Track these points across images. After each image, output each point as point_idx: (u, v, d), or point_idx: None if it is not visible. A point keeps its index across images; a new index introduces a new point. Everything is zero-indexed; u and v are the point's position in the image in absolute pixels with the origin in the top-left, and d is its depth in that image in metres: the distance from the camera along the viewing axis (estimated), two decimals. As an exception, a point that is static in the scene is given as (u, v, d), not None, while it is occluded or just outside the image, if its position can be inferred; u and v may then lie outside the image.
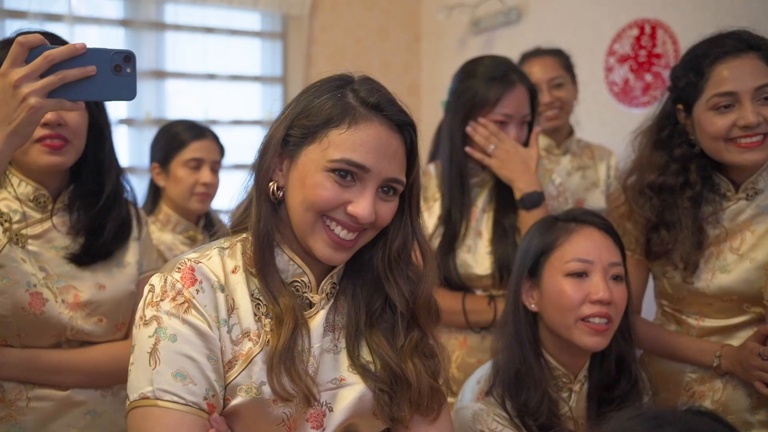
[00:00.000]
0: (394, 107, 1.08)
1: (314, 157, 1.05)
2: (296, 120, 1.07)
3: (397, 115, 1.07)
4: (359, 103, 1.06)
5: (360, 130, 1.04)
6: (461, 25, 4.00)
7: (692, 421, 0.71)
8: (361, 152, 1.03)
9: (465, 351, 1.82)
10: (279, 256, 1.11)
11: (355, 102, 1.06)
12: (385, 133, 1.05)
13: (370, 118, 1.05)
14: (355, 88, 1.08)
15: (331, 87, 1.08)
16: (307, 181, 1.05)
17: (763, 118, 1.46)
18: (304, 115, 1.07)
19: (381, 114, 1.06)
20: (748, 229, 1.56)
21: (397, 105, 1.08)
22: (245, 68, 3.93)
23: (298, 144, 1.07)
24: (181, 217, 2.22)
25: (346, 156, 1.03)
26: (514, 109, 1.78)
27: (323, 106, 1.06)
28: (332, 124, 1.04)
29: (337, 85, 1.09)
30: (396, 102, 1.09)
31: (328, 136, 1.04)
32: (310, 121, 1.06)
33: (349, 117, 1.04)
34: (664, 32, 2.91)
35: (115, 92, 1.08)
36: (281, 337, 1.04)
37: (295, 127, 1.07)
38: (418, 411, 1.14)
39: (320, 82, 1.11)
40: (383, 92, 1.09)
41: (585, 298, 1.36)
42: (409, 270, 1.15)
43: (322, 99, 1.07)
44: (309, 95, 1.09)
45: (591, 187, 2.59)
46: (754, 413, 1.53)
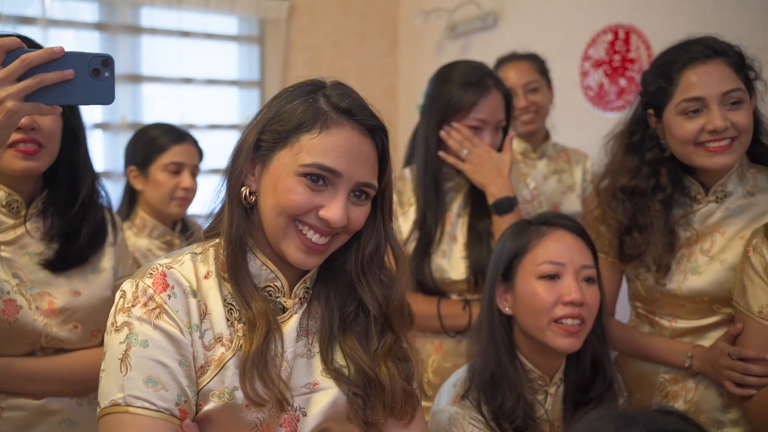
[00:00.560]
0: (366, 112, 1.08)
1: (286, 161, 1.05)
2: (268, 125, 1.08)
3: (369, 120, 1.08)
4: (331, 108, 1.06)
5: (331, 135, 1.05)
6: (438, 30, 4.02)
7: (660, 420, 0.72)
8: (333, 157, 1.04)
9: (441, 355, 1.83)
10: (252, 261, 1.11)
11: (327, 107, 1.06)
12: (356, 137, 1.06)
13: (342, 123, 1.06)
14: (327, 93, 1.08)
15: (303, 92, 1.09)
16: (279, 185, 1.05)
17: (730, 123, 1.49)
18: (275, 120, 1.08)
19: (352, 119, 1.07)
20: (718, 231, 1.59)
21: (368, 110, 1.09)
22: (222, 72, 3.91)
23: (270, 149, 1.07)
24: (157, 222, 2.21)
25: (317, 160, 1.04)
26: (488, 114, 1.80)
27: (295, 111, 1.06)
28: (304, 128, 1.05)
29: (309, 90, 1.09)
30: (367, 107, 1.10)
31: (299, 140, 1.05)
32: (282, 126, 1.07)
33: (321, 122, 1.05)
34: (637, 38, 2.96)
35: (93, 96, 1.07)
36: (254, 341, 1.04)
37: (267, 132, 1.08)
38: (392, 414, 1.14)
39: (292, 88, 1.12)
40: (355, 97, 1.10)
41: (557, 300, 1.38)
42: (382, 274, 1.16)
43: (293, 104, 1.07)
44: (281, 100, 1.10)
45: (567, 190, 2.61)
46: (726, 412, 1.56)
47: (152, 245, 2.17)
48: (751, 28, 2.48)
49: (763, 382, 1.37)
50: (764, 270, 1.38)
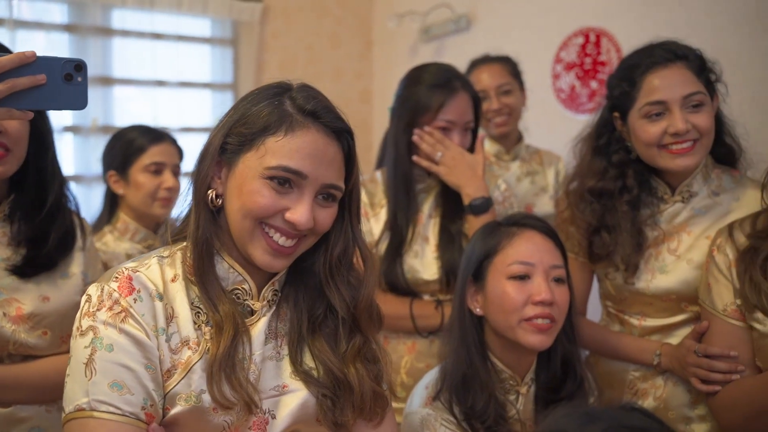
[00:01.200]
0: (331, 114, 1.09)
1: (251, 164, 1.05)
2: (234, 128, 1.08)
3: (334, 122, 1.09)
4: (296, 111, 1.07)
5: (297, 137, 1.05)
6: (412, 33, 4.04)
7: (622, 417, 0.73)
8: (298, 159, 1.04)
9: (413, 356, 1.84)
10: (219, 264, 1.11)
11: (292, 109, 1.07)
12: (322, 139, 1.07)
13: (307, 125, 1.06)
14: (293, 96, 1.09)
15: (269, 95, 1.09)
16: (244, 188, 1.05)
17: (691, 125, 1.52)
18: (241, 123, 1.08)
19: (318, 121, 1.07)
20: (685, 231, 1.62)
21: (334, 112, 1.10)
22: (195, 75, 3.88)
23: (235, 152, 1.07)
24: (139, 226, 2.18)
25: (282, 163, 1.04)
26: (456, 115, 1.81)
27: (260, 113, 1.07)
28: (269, 131, 1.05)
29: (275, 92, 1.09)
30: (333, 109, 1.10)
31: (265, 143, 1.05)
32: (248, 128, 1.07)
33: (286, 124, 1.05)
34: (608, 41, 3.00)
35: (66, 101, 1.06)
36: (221, 344, 1.04)
37: (232, 135, 1.08)
38: (362, 416, 1.15)
39: (258, 90, 1.12)
40: (320, 99, 1.10)
41: (527, 300, 1.39)
42: (350, 275, 1.17)
43: (259, 107, 1.08)
44: (246, 103, 1.10)
45: (540, 192, 2.64)
46: (693, 408, 1.59)
47: (134, 249, 2.14)
48: (718, 31, 2.53)
49: (727, 378, 1.40)
50: (728, 269, 1.41)
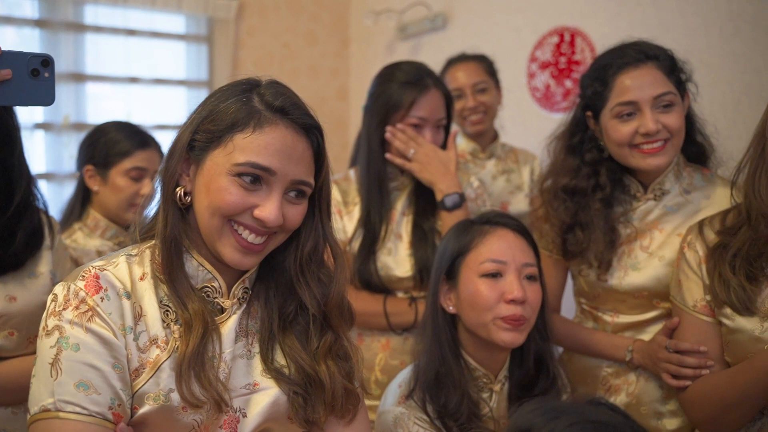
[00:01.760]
0: (300, 110, 1.08)
1: (219, 161, 1.05)
2: (201, 124, 1.07)
3: (303, 119, 1.08)
4: (264, 107, 1.06)
5: (265, 134, 1.04)
6: (389, 31, 4.04)
7: (588, 411, 0.74)
8: (266, 155, 1.04)
9: (388, 353, 1.84)
10: (188, 262, 1.10)
11: (261, 106, 1.06)
12: (290, 136, 1.06)
13: (275, 122, 1.05)
14: (261, 92, 1.08)
15: (237, 91, 1.08)
16: (212, 185, 1.05)
17: (662, 125, 1.54)
18: (209, 120, 1.07)
19: (286, 117, 1.07)
20: (657, 228, 1.64)
21: (302, 108, 1.09)
22: (169, 72, 3.85)
23: (203, 149, 1.07)
24: (110, 222, 2.14)
25: (251, 159, 1.03)
26: (428, 112, 1.82)
27: (228, 110, 1.06)
28: (237, 128, 1.05)
29: (243, 89, 1.09)
30: (302, 105, 1.10)
31: (233, 140, 1.04)
32: (215, 125, 1.06)
33: (254, 121, 1.05)
34: (582, 40, 3.02)
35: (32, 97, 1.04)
36: (190, 342, 1.03)
37: (200, 132, 1.07)
38: (333, 413, 1.15)
39: (226, 87, 1.11)
40: (289, 96, 1.09)
41: (500, 298, 1.39)
42: (321, 272, 1.16)
43: (227, 103, 1.07)
44: (214, 100, 1.09)
45: (515, 190, 2.65)
46: (665, 403, 1.61)
47: (105, 247, 2.10)
48: (690, 31, 2.56)
49: (697, 373, 1.41)
50: (698, 265, 1.43)
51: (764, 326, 1.31)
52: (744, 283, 1.34)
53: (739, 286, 1.34)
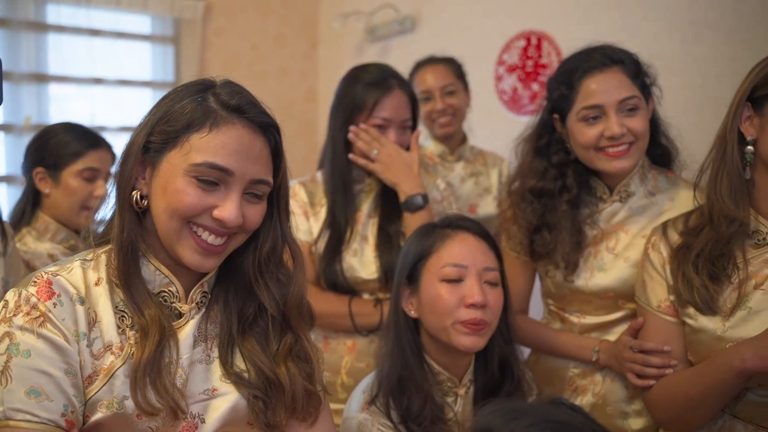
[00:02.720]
0: (256, 109, 1.08)
1: (176, 162, 1.03)
2: (157, 126, 1.06)
3: (260, 117, 1.07)
4: (220, 107, 1.05)
5: (221, 133, 1.03)
6: (357, 33, 4.03)
7: (549, 412, 0.74)
8: (223, 155, 1.02)
9: (354, 356, 1.83)
10: (145, 267, 1.08)
11: (216, 105, 1.05)
12: (247, 135, 1.05)
13: (232, 121, 1.04)
14: (217, 92, 1.07)
15: (192, 91, 1.07)
16: (169, 187, 1.03)
17: (627, 129, 1.56)
18: (164, 121, 1.05)
19: (243, 116, 1.06)
20: (623, 230, 1.66)
21: (259, 107, 1.09)
22: (135, 73, 3.79)
23: (159, 150, 1.05)
24: (61, 226, 2.09)
25: (208, 159, 1.02)
26: (392, 113, 1.82)
27: (183, 110, 1.05)
28: (193, 128, 1.03)
29: (198, 89, 1.08)
30: (258, 104, 1.09)
31: (189, 140, 1.03)
32: (171, 126, 1.04)
33: (210, 120, 1.03)
34: (548, 44, 3.05)
35: None
36: (146, 349, 1.02)
37: (155, 134, 1.05)
38: (294, 415, 1.14)
39: (181, 87, 1.10)
40: (245, 95, 1.09)
41: (460, 302, 1.39)
42: (280, 273, 1.15)
43: (182, 103, 1.05)
44: (169, 101, 1.08)
45: (484, 193, 2.66)
46: (630, 403, 1.63)
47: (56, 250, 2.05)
48: (654, 36, 2.60)
49: (661, 373, 1.43)
50: (662, 266, 1.45)
51: (726, 325, 1.33)
52: (707, 282, 1.37)
53: (702, 286, 1.37)
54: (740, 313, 1.33)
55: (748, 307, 1.32)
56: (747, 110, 1.36)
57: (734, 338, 1.31)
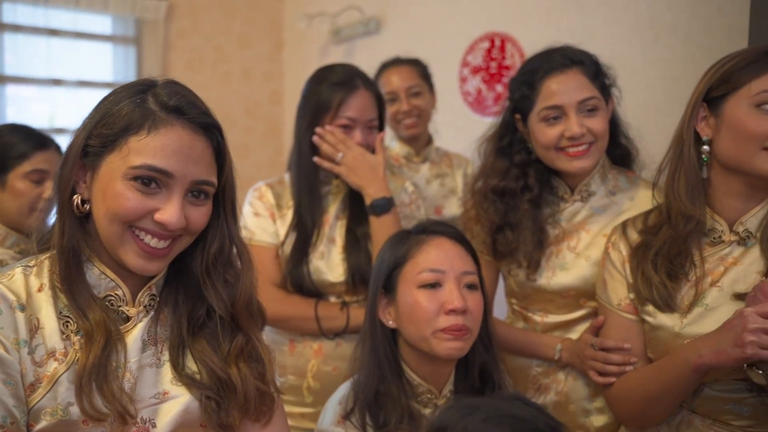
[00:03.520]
0: (197, 109, 1.06)
1: (115, 165, 1.02)
2: (95, 129, 1.04)
3: (200, 117, 1.06)
4: (159, 108, 1.03)
5: (160, 135, 1.02)
6: (322, 34, 4.02)
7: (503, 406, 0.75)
8: (162, 157, 1.01)
9: (320, 359, 1.82)
10: (89, 271, 1.06)
11: (155, 106, 1.03)
12: (187, 136, 1.04)
13: (171, 122, 1.03)
14: (156, 92, 1.05)
15: (131, 92, 1.05)
16: (108, 191, 1.01)
17: (587, 129, 1.58)
18: (102, 124, 1.03)
19: (183, 117, 1.04)
20: (584, 229, 1.68)
21: (199, 107, 1.07)
22: (95, 74, 3.73)
23: (98, 154, 1.03)
24: (10, 230, 2.04)
25: (146, 162, 1.00)
26: (357, 113, 1.81)
27: (121, 112, 1.03)
28: (131, 130, 1.02)
29: (138, 90, 1.06)
30: (199, 104, 1.08)
31: (127, 143, 1.01)
32: (109, 129, 1.02)
33: (149, 122, 1.02)
34: (512, 45, 3.08)
35: None
36: (91, 353, 1.00)
37: (93, 137, 1.03)
38: (247, 416, 1.13)
39: (121, 88, 1.08)
40: (185, 95, 1.07)
41: (440, 309, 1.34)
42: (227, 273, 1.14)
43: (120, 105, 1.04)
44: (108, 102, 1.06)
45: (449, 194, 2.67)
46: (592, 401, 1.65)
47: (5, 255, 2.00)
48: (614, 38, 2.65)
49: (621, 370, 1.45)
50: (622, 265, 1.47)
51: (683, 322, 1.35)
52: (665, 280, 1.39)
53: (661, 284, 1.39)
54: (697, 309, 1.35)
55: (704, 304, 1.35)
56: (703, 111, 1.38)
57: (691, 335, 1.33)
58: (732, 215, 1.38)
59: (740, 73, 1.32)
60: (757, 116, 1.29)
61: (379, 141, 1.86)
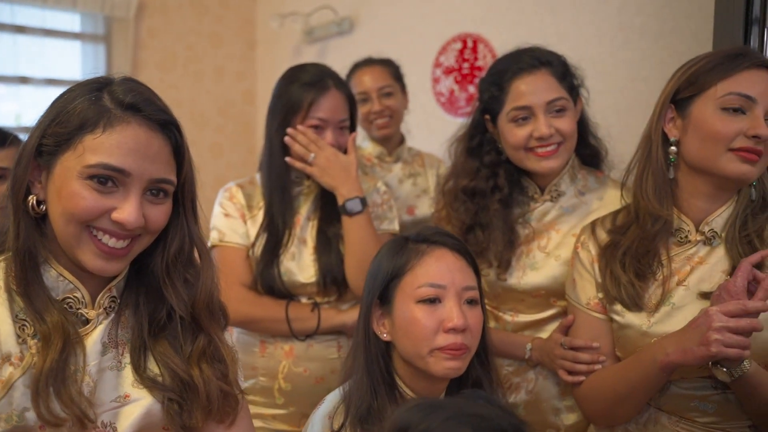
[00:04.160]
0: (153, 106, 1.04)
1: (70, 165, 1.00)
2: (49, 128, 1.02)
3: (157, 115, 1.04)
4: (115, 105, 1.02)
5: (116, 133, 1.00)
6: (295, 34, 4.00)
7: (465, 405, 0.75)
8: (118, 155, 1.00)
9: (291, 360, 1.80)
10: (47, 273, 1.04)
11: (111, 104, 1.02)
12: (144, 134, 1.02)
13: (127, 120, 1.01)
14: (112, 90, 1.04)
15: (86, 90, 1.04)
16: (63, 191, 1.00)
17: (555, 130, 1.59)
18: (56, 122, 1.01)
19: (139, 114, 1.02)
20: (554, 229, 1.69)
21: (156, 104, 1.05)
22: (63, 72, 3.67)
23: (52, 153, 1.01)
24: None
25: (102, 160, 0.99)
26: (328, 113, 1.80)
27: (75, 110, 1.01)
28: (87, 128, 1.00)
29: (94, 87, 1.04)
30: (156, 101, 1.06)
31: (82, 141, 1.00)
32: (64, 127, 1.01)
33: (104, 120, 1.00)
34: (484, 46, 3.09)
35: None
36: (48, 357, 0.98)
37: (48, 136, 1.02)
38: (211, 417, 1.12)
39: (76, 86, 1.06)
40: (142, 92, 1.05)
41: (438, 327, 1.26)
42: (188, 273, 1.13)
43: (75, 103, 1.02)
44: (62, 101, 1.04)
45: (421, 194, 2.67)
46: (563, 399, 1.66)
47: None
48: (584, 40, 2.67)
49: (590, 368, 1.46)
50: (591, 264, 1.48)
51: (651, 321, 1.37)
52: (633, 279, 1.40)
53: (629, 283, 1.40)
54: (664, 308, 1.37)
55: (671, 302, 1.37)
56: (670, 112, 1.40)
57: (659, 333, 1.35)
58: (698, 215, 1.40)
59: (707, 75, 1.34)
60: (723, 118, 1.31)
61: (351, 141, 1.85)
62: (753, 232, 1.36)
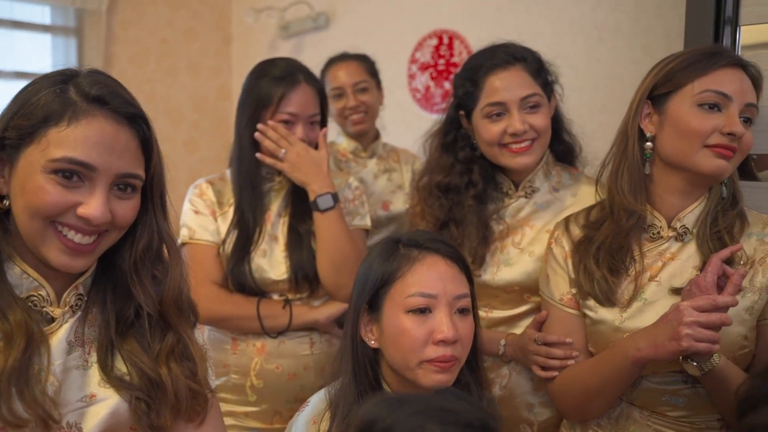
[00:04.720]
0: (120, 99, 1.02)
1: (34, 159, 0.97)
2: (12, 120, 0.99)
3: (124, 108, 1.02)
4: (80, 98, 0.99)
5: (81, 126, 0.98)
6: (271, 29, 3.97)
7: (432, 399, 0.75)
8: (83, 149, 0.97)
9: (263, 358, 1.79)
10: (10, 270, 1.02)
11: (76, 97, 0.99)
12: (110, 127, 1.00)
13: (93, 113, 0.99)
14: (78, 82, 1.01)
15: (51, 82, 1.01)
16: (27, 185, 0.97)
17: (529, 126, 1.60)
18: (20, 115, 0.99)
19: (105, 107, 1.00)
20: (528, 225, 1.69)
21: (123, 97, 1.03)
22: (34, 65, 3.58)
23: (16, 147, 0.99)
24: None
25: (67, 154, 0.96)
26: (299, 107, 1.79)
27: (39, 102, 0.98)
28: (51, 121, 0.97)
29: (59, 80, 1.01)
30: (123, 94, 1.04)
31: (47, 135, 0.97)
32: (27, 120, 0.98)
33: (69, 112, 0.98)
34: (460, 43, 3.10)
35: None
36: (10, 356, 0.95)
37: (11, 129, 0.99)
38: (180, 416, 1.10)
39: (40, 78, 1.03)
40: (108, 84, 1.03)
41: (428, 338, 1.23)
42: (156, 269, 1.11)
43: (39, 96, 0.99)
44: (26, 93, 1.01)
45: (397, 190, 2.67)
46: (536, 395, 1.66)
47: None
48: (559, 38, 2.68)
49: (564, 364, 1.46)
50: (564, 260, 1.49)
51: (623, 316, 1.38)
52: (606, 275, 1.41)
53: (602, 278, 1.41)
54: (636, 304, 1.38)
55: (643, 298, 1.38)
56: (647, 108, 1.41)
57: (631, 328, 1.36)
58: (670, 211, 1.41)
59: (684, 72, 1.35)
60: (698, 114, 1.32)
61: (322, 137, 1.83)
62: (723, 228, 1.38)
